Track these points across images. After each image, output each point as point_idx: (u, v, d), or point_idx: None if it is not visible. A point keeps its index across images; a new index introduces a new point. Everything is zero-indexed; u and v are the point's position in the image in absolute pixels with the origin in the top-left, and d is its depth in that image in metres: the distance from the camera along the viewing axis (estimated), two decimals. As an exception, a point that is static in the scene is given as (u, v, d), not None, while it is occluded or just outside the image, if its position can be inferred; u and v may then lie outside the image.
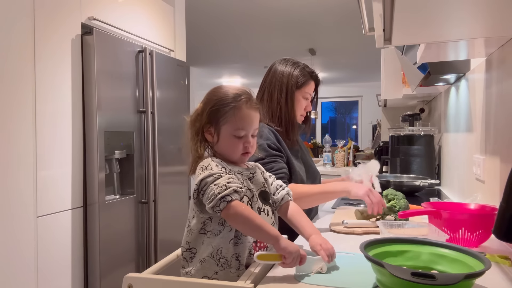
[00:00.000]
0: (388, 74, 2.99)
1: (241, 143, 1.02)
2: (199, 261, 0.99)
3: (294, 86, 1.46)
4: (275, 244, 0.90)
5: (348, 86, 7.96)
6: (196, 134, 1.05)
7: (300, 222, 1.08)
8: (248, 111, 1.01)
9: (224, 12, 3.78)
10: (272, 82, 1.49)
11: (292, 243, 0.92)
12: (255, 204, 1.02)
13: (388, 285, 0.74)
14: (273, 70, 1.51)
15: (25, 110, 1.81)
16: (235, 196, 0.91)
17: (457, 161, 2.09)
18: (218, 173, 0.94)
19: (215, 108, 1.01)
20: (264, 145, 1.36)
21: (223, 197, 0.90)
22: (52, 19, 1.96)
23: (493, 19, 0.97)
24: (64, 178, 2.02)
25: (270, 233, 0.91)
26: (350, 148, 4.47)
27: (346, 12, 3.69)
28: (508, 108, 1.22)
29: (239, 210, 0.90)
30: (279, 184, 1.14)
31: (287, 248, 0.89)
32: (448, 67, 1.81)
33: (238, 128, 1.00)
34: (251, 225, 0.91)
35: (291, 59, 1.53)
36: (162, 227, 2.60)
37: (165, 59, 2.73)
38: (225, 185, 0.91)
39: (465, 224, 1.08)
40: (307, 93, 1.49)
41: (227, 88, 1.05)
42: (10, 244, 1.74)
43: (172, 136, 2.78)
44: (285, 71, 1.48)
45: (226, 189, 0.90)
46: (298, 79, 1.46)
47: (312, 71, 1.52)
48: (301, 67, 1.50)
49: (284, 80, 1.46)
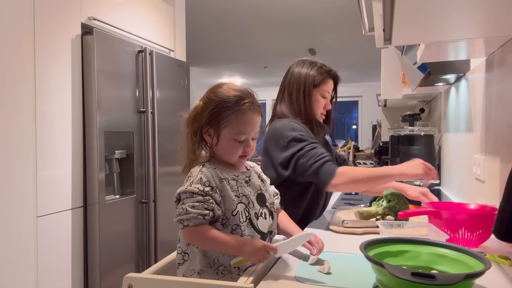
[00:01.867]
0: (388, 74, 2.99)
1: (241, 146, 1.00)
2: (196, 273, 0.98)
3: (311, 85, 1.47)
4: (240, 254, 0.92)
5: (348, 86, 7.95)
6: (194, 134, 1.02)
7: (289, 226, 1.11)
8: (251, 116, 0.99)
9: (224, 12, 3.78)
10: (291, 83, 1.50)
11: (255, 243, 0.91)
12: (252, 210, 1.01)
13: (388, 285, 0.74)
14: (290, 71, 1.52)
15: (25, 110, 1.81)
16: (192, 222, 0.92)
17: (457, 161, 2.09)
18: (192, 191, 0.93)
19: (217, 110, 0.98)
20: (298, 136, 1.35)
21: (181, 220, 0.93)
22: (52, 19, 1.96)
23: (493, 19, 0.97)
24: (64, 178, 2.02)
25: (231, 247, 0.92)
26: (350, 148, 4.47)
27: (346, 12, 3.69)
28: (508, 108, 1.22)
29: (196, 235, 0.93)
30: (275, 191, 1.16)
31: (249, 253, 0.90)
32: (448, 67, 1.81)
33: (239, 133, 0.98)
34: (212, 246, 0.94)
35: (308, 59, 1.54)
36: (162, 227, 2.60)
37: (165, 59, 2.73)
38: (186, 209, 0.92)
39: (465, 224, 1.08)
40: (326, 92, 1.50)
41: (229, 88, 1.01)
42: (10, 244, 1.74)
43: (172, 136, 2.78)
44: (302, 72, 1.49)
45: (186, 214, 0.92)
46: (315, 78, 1.47)
47: (329, 69, 1.52)
48: (318, 66, 1.51)
49: (302, 80, 1.48)
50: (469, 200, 1.70)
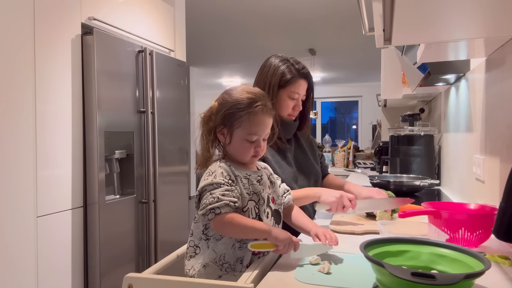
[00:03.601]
0: (388, 74, 2.99)
1: (253, 147, 1.04)
2: (202, 265, 1.01)
3: (276, 85, 1.38)
4: (268, 237, 0.96)
5: (348, 86, 7.96)
6: (208, 133, 1.07)
7: (303, 222, 1.14)
8: (263, 118, 1.03)
9: (224, 12, 3.78)
10: (259, 77, 1.45)
11: (283, 231, 0.98)
12: (262, 206, 1.04)
13: (388, 285, 0.74)
14: (263, 64, 1.46)
15: (25, 110, 1.81)
16: (224, 209, 0.94)
17: (457, 161, 2.09)
18: (219, 183, 0.97)
19: (230, 111, 1.03)
20: None
21: (212, 208, 0.94)
22: (52, 19, 1.96)
23: (493, 19, 0.97)
24: (64, 178, 2.02)
25: (261, 230, 0.96)
26: (350, 148, 4.47)
27: (346, 12, 3.69)
28: (508, 108, 1.22)
29: (226, 222, 0.94)
30: (286, 189, 1.19)
31: (278, 237, 0.95)
32: (448, 67, 1.81)
33: (251, 133, 1.03)
34: (240, 231, 0.97)
35: (282, 55, 1.45)
36: (162, 227, 2.60)
37: (165, 59, 2.73)
38: (218, 197, 0.94)
39: (465, 224, 1.08)
40: (294, 93, 1.41)
41: (243, 91, 1.06)
42: (10, 244, 1.74)
43: (172, 136, 2.78)
44: (271, 67, 1.41)
45: (218, 201, 0.94)
46: (282, 77, 1.38)
47: (300, 68, 1.42)
48: (289, 63, 1.41)
49: (268, 78, 1.40)
50: (469, 200, 1.70)
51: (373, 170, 3.87)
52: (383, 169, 3.12)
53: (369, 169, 3.96)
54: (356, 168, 4.17)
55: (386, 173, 2.92)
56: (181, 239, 2.79)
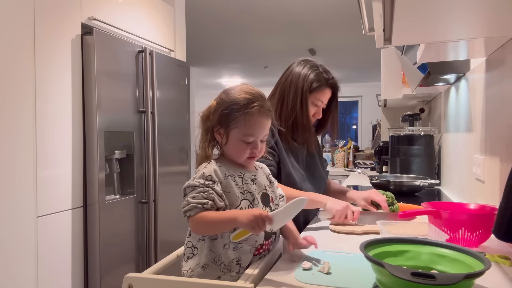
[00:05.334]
0: (388, 74, 2.99)
1: (249, 148, 1.02)
2: (200, 266, 1.00)
3: (307, 90, 1.42)
4: (236, 223, 0.91)
5: (348, 86, 7.93)
6: (205, 133, 1.05)
7: (290, 227, 1.13)
8: (260, 119, 1.01)
9: (224, 12, 3.78)
10: (287, 82, 1.46)
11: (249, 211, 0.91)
12: (256, 206, 1.02)
13: (388, 285, 0.74)
14: (290, 69, 1.49)
15: (25, 110, 1.81)
16: (193, 211, 0.93)
17: (457, 161, 2.09)
18: (194, 185, 0.96)
19: (227, 111, 1.01)
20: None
21: (184, 211, 0.95)
22: (52, 19, 1.96)
23: (493, 19, 0.97)
24: (64, 178, 2.02)
25: (227, 220, 0.93)
26: (350, 148, 4.47)
27: (346, 12, 3.69)
28: (508, 108, 1.22)
29: (196, 222, 0.94)
30: (281, 194, 1.17)
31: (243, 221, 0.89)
32: (448, 67, 1.81)
33: (247, 135, 1.00)
34: (211, 228, 0.96)
35: (311, 61, 1.49)
36: (162, 227, 2.60)
37: (165, 59, 2.73)
38: (187, 200, 0.95)
39: (465, 224, 1.08)
40: (318, 100, 1.45)
41: (241, 90, 1.03)
42: (10, 244, 1.74)
43: (172, 136, 2.78)
44: (301, 73, 1.44)
45: (188, 204, 0.94)
46: (312, 83, 1.43)
47: (329, 78, 1.46)
48: (319, 71, 1.45)
49: (300, 82, 1.43)
50: (469, 200, 1.70)
51: (373, 170, 3.88)
52: (383, 169, 3.12)
53: (369, 169, 3.97)
54: (356, 168, 4.17)
55: (386, 173, 2.93)
56: (181, 239, 2.77)
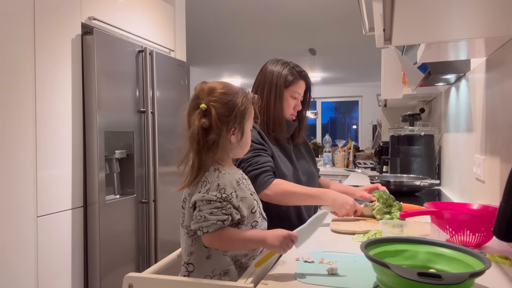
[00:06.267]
0: (388, 74, 2.99)
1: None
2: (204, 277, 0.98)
3: (282, 85, 1.48)
4: (264, 244, 0.95)
5: (348, 86, 7.95)
6: (203, 144, 1.01)
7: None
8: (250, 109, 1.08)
9: (224, 12, 3.78)
10: (262, 81, 1.52)
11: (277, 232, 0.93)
12: (260, 204, 1.07)
13: (390, 285, 0.74)
14: (263, 69, 1.55)
15: (25, 110, 1.81)
16: (211, 228, 0.93)
17: (457, 161, 2.09)
18: (210, 199, 0.94)
19: (236, 112, 1.01)
20: None
21: (200, 227, 0.94)
22: (52, 19, 1.95)
23: (493, 19, 0.96)
24: (64, 178, 2.02)
25: (255, 240, 0.95)
26: (350, 148, 4.47)
27: (346, 12, 3.69)
28: (508, 108, 1.22)
29: (214, 239, 0.94)
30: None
31: (273, 244, 0.92)
32: (448, 67, 1.81)
33: (255, 121, 1.10)
34: (234, 244, 0.96)
35: (282, 59, 1.55)
36: (162, 227, 2.60)
37: (165, 59, 2.73)
38: (205, 216, 0.93)
39: (468, 224, 1.07)
40: (296, 92, 1.51)
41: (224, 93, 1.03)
42: (10, 244, 1.74)
43: (172, 136, 2.78)
44: (275, 70, 1.50)
45: (205, 221, 0.93)
46: (286, 78, 1.48)
47: (301, 70, 1.53)
48: (290, 66, 1.51)
49: (274, 79, 1.49)
50: (469, 200, 1.70)
51: (373, 170, 3.87)
52: (383, 169, 3.12)
53: (369, 169, 3.96)
54: (356, 168, 4.17)
55: (386, 173, 2.92)
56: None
